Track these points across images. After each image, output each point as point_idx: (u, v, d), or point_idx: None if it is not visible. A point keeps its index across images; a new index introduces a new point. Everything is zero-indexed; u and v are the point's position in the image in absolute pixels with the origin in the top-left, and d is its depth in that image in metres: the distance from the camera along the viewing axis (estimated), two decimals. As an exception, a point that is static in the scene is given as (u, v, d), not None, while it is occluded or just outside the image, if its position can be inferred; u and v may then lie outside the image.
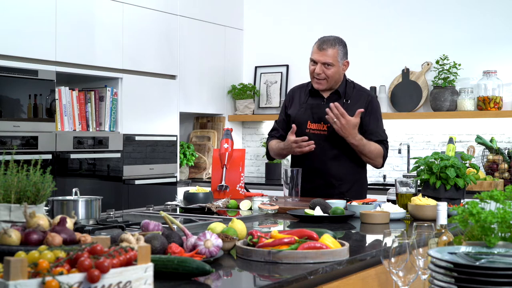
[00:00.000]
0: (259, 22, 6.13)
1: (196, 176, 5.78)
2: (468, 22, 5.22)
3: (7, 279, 1.20)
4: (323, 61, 3.45)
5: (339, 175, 3.50)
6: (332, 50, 3.46)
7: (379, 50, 5.57)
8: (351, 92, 3.55)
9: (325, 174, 3.50)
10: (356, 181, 3.57)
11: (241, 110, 5.97)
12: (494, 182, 4.55)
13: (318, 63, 3.47)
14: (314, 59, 3.48)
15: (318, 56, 3.47)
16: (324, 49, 3.46)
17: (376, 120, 3.52)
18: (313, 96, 3.59)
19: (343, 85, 3.56)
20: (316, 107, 3.54)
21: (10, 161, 1.86)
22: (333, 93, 3.56)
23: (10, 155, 1.96)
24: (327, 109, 3.35)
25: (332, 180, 3.50)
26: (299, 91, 3.68)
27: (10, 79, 4.08)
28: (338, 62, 3.48)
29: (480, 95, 5.01)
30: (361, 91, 3.58)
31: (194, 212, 2.94)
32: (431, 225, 1.99)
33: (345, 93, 3.54)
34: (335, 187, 3.50)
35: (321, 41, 3.51)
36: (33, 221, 1.63)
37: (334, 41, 3.49)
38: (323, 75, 3.47)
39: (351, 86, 3.58)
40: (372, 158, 3.48)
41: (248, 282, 1.79)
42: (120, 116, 4.85)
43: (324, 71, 3.46)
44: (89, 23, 4.67)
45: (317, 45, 3.50)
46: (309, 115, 3.54)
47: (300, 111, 3.58)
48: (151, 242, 1.76)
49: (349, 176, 3.53)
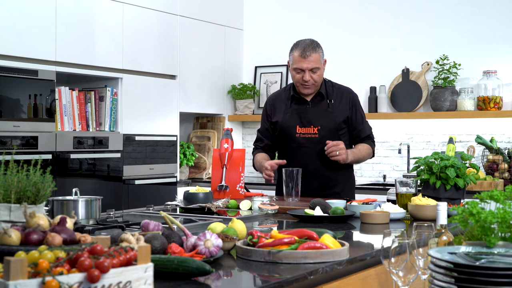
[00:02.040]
0: (259, 22, 6.13)
1: (196, 176, 5.78)
2: (468, 22, 5.22)
3: (7, 279, 1.20)
4: (311, 67, 3.47)
5: (333, 176, 3.56)
6: (315, 54, 3.48)
7: (379, 50, 5.57)
8: (331, 91, 3.60)
9: (320, 176, 3.54)
10: (347, 181, 3.66)
11: (241, 110, 5.97)
12: (494, 182, 4.55)
13: (305, 71, 3.47)
14: (301, 67, 3.48)
15: (304, 64, 3.47)
16: (308, 55, 3.46)
17: (361, 117, 3.63)
18: (296, 101, 3.61)
19: (323, 86, 3.60)
20: (302, 111, 3.57)
21: (10, 161, 1.86)
22: (316, 95, 3.59)
23: (10, 155, 1.96)
24: (327, 152, 3.40)
25: (327, 181, 3.55)
26: (279, 98, 3.69)
27: (10, 79, 4.08)
28: (322, 64, 3.53)
29: (480, 95, 5.01)
30: (341, 89, 3.65)
31: (194, 212, 2.94)
32: (431, 225, 1.99)
33: (327, 94, 3.59)
34: (330, 188, 3.56)
35: (301, 48, 3.49)
36: (33, 221, 1.63)
37: (313, 45, 3.50)
38: (312, 81, 3.50)
39: (330, 85, 3.63)
40: (366, 159, 3.64)
41: (248, 282, 1.79)
42: (120, 116, 4.85)
43: (312, 76, 3.49)
44: (89, 23, 4.67)
45: (299, 53, 3.48)
46: (297, 120, 3.57)
47: (286, 117, 3.60)
48: (151, 242, 1.76)
49: (341, 176, 3.60)
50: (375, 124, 5.40)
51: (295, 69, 3.52)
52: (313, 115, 3.56)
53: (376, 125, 5.44)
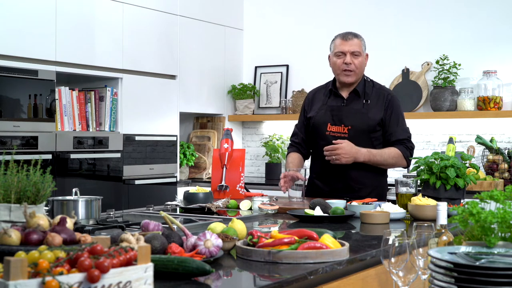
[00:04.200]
0: (259, 22, 6.13)
1: (196, 176, 5.78)
2: (468, 22, 5.22)
3: (7, 279, 1.20)
4: (352, 50, 3.43)
5: (359, 179, 3.42)
6: (357, 39, 3.46)
7: (379, 50, 5.56)
8: (370, 91, 3.49)
9: (344, 177, 3.42)
10: (376, 186, 3.47)
11: (241, 110, 5.97)
12: (494, 182, 4.54)
13: (346, 54, 3.42)
14: (342, 50, 3.43)
15: (345, 46, 3.43)
16: (350, 38, 3.44)
17: (396, 120, 3.45)
18: (334, 97, 3.53)
19: (361, 84, 3.50)
20: (336, 109, 3.48)
21: (10, 161, 1.86)
22: (352, 92, 3.49)
23: (10, 155, 1.96)
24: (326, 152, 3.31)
25: (352, 184, 3.42)
26: (319, 93, 3.62)
27: (10, 79, 4.08)
28: (363, 52, 3.47)
29: (480, 95, 5.01)
30: (381, 90, 3.52)
31: (194, 212, 2.94)
32: (431, 225, 1.99)
33: (365, 93, 3.48)
34: (355, 191, 3.40)
35: (343, 33, 3.49)
36: (33, 221, 1.63)
37: (355, 33, 3.50)
38: (353, 66, 3.42)
39: (370, 84, 3.52)
40: (391, 164, 3.44)
41: (248, 282, 1.79)
42: (120, 116, 4.85)
43: (353, 61, 3.42)
44: (89, 23, 4.67)
45: (341, 37, 3.47)
46: (329, 117, 3.47)
47: (319, 113, 3.51)
48: (151, 242, 1.76)
49: (369, 180, 3.44)
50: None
51: (335, 54, 3.46)
52: (345, 113, 3.44)
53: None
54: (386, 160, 3.39)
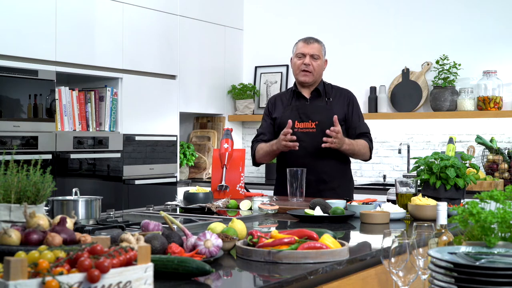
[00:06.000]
0: (259, 22, 6.13)
1: (196, 176, 5.78)
2: (468, 22, 5.22)
3: (7, 279, 1.20)
4: (311, 53, 3.65)
5: (329, 171, 3.60)
6: (317, 44, 3.71)
7: (379, 50, 5.57)
8: (330, 91, 3.73)
9: (316, 170, 3.56)
10: (343, 177, 3.69)
11: (241, 110, 5.97)
12: (494, 182, 4.55)
13: (306, 56, 3.65)
14: (303, 52, 3.67)
15: (306, 49, 3.67)
16: (311, 42, 3.69)
17: (358, 115, 3.70)
18: (297, 97, 3.72)
19: (321, 85, 3.73)
20: (302, 107, 3.67)
21: (10, 161, 1.86)
22: (314, 91, 3.70)
23: (10, 155, 1.96)
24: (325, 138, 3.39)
25: (324, 176, 3.59)
26: (281, 97, 3.82)
27: (10, 79, 4.08)
28: (322, 56, 3.71)
29: (480, 95, 5.01)
30: (340, 89, 3.77)
31: (194, 212, 2.94)
32: (431, 225, 1.99)
33: (325, 92, 3.71)
34: (327, 183, 3.59)
35: (305, 38, 3.75)
36: (33, 221, 1.63)
37: (317, 39, 3.75)
38: (311, 67, 3.64)
39: (329, 86, 3.78)
40: (362, 154, 3.62)
41: (248, 282, 1.79)
42: (120, 116, 4.85)
43: (312, 63, 3.64)
44: (89, 23, 4.67)
45: (303, 41, 3.73)
46: (296, 115, 3.65)
47: (286, 113, 3.69)
48: (151, 242, 1.76)
49: (338, 172, 3.65)
50: (375, 124, 5.41)
51: (296, 56, 3.70)
52: (311, 110, 3.65)
53: (376, 125, 5.44)
54: (360, 150, 3.59)
